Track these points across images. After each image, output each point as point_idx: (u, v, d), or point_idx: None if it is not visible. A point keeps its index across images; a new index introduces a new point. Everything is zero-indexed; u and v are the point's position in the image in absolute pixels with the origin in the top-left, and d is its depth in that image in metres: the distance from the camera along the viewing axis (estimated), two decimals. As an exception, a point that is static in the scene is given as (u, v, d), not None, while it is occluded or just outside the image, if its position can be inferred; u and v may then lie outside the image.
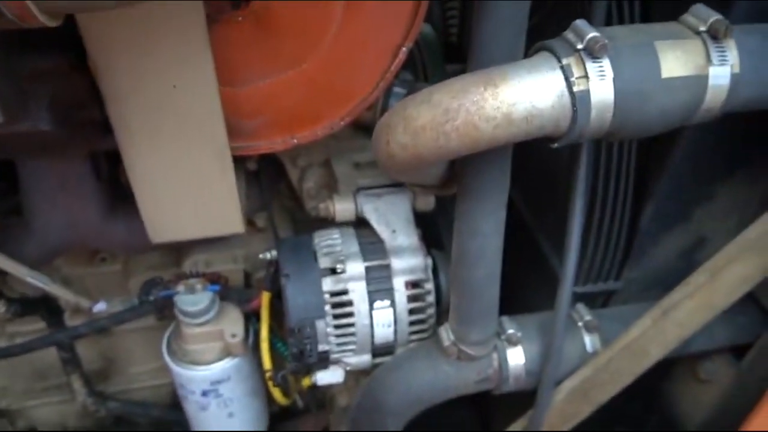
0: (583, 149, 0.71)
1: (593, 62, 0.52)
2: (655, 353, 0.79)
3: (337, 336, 0.87)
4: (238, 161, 1.00)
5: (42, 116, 0.74)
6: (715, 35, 0.53)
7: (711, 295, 0.72)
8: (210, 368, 1.04)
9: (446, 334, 0.79)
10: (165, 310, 1.04)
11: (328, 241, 0.90)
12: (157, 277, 1.05)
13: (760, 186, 0.79)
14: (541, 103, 0.53)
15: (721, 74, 0.54)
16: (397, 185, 0.93)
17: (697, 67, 0.54)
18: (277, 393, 1.00)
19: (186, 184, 0.77)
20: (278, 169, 1.08)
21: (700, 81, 0.54)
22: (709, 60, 0.54)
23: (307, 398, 1.23)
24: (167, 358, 1.06)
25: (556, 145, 0.57)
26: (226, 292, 1.04)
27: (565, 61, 0.53)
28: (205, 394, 1.07)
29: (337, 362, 0.91)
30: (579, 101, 0.52)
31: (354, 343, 0.88)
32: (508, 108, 0.53)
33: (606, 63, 0.52)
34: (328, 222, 0.95)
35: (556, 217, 0.92)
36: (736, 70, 0.54)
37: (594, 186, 0.82)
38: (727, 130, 0.75)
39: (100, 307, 1.01)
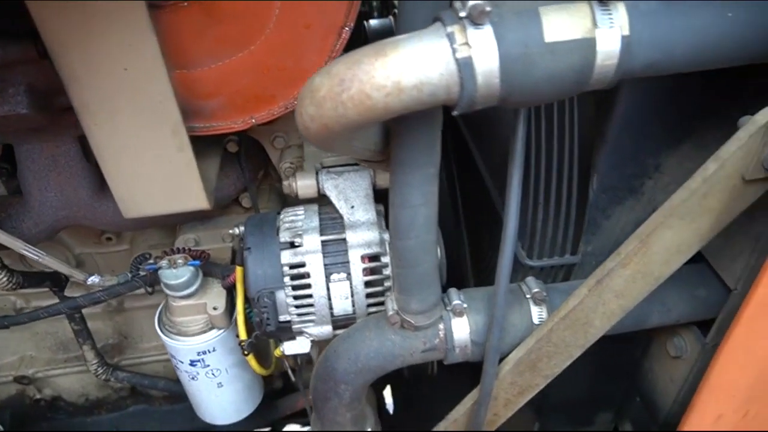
0: (519, 116, 0.72)
1: (475, 29, 0.54)
2: (600, 324, 0.79)
3: (297, 307, 0.91)
4: (216, 142, 1.07)
5: (19, 101, 0.82)
6: (600, -2, 0.54)
7: (646, 263, 0.72)
8: (195, 339, 1.11)
9: (390, 304, 0.82)
10: (155, 285, 1.12)
11: (291, 216, 0.95)
12: (146, 253, 1.13)
13: (709, 156, 0.77)
14: (430, 71, 0.55)
15: (609, 37, 0.55)
16: (356, 164, 0.96)
17: (583, 30, 0.54)
18: (252, 362, 1.05)
19: (147, 162, 0.83)
20: (263, 151, 1.14)
21: (587, 44, 0.55)
22: (595, 23, 0.54)
23: (298, 375, 1.28)
24: (158, 329, 1.13)
25: (455, 112, 0.59)
26: (209, 267, 1.10)
27: (449, 29, 0.55)
28: (192, 363, 1.14)
29: (300, 333, 0.95)
30: (463, 67, 0.54)
31: (313, 314, 0.92)
32: (397, 76, 0.55)
33: (488, 29, 0.54)
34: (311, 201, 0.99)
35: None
36: (626, 32, 0.55)
37: (540, 158, 0.82)
38: (667, 102, 0.75)
39: (94, 279, 1.10)
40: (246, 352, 0.96)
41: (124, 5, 0.69)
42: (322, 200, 0.99)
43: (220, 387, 1.19)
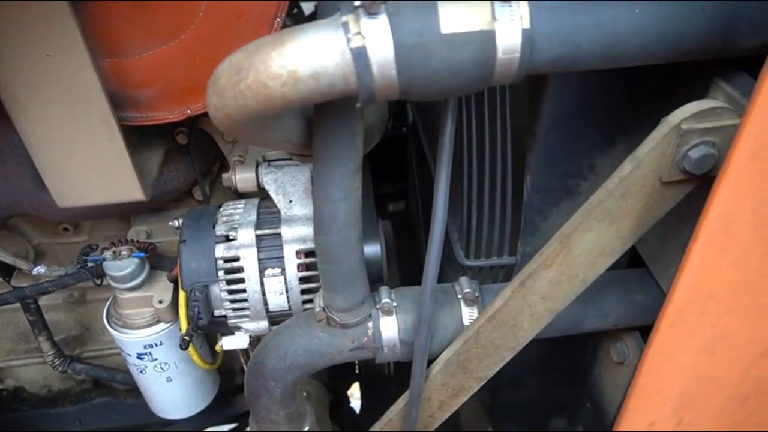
0: (447, 118, 0.70)
1: (369, 18, 0.53)
2: (529, 326, 0.78)
3: (231, 302, 0.90)
4: (162, 133, 1.06)
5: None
6: (499, -11, 0.53)
7: (569, 265, 0.70)
8: (141, 332, 1.10)
9: (318, 300, 0.81)
10: (103, 277, 1.11)
11: (230, 210, 0.94)
12: (94, 244, 1.12)
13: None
14: (326, 61, 0.54)
15: (509, 30, 0.53)
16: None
17: (481, 22, 0.53)
18: (194, 356, 1.05)
19: (77, 151, 0.83)
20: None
21: (485, 37, 0.53)
22: (494, 16, 0.53)
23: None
24: (105, 322, 1.13)
25: (358, 104, 0.58)
26: (157, 260, 1.09)
27: (344, 19, 0.53)
28: (140, 357, 1.13)
29: (237, 328, 0.94)
30: (356, 57, 0.53)
31: (248, 309, 0.91)
32: (293, 66, 0.54)
33: (383, 19, 0.52)
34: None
35: (455, 189, 0.91)
36: (527, 25, 0.53)
37: (474, 158, 0.81)
38: (598, 102, 0.73)
39: (39, 270, 1.09)
40: (182, 347, 0.95)
41: (42, -10, 0.68)
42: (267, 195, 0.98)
43: (169, 381, 1.18)
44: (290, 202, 0.91)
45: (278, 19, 0.78)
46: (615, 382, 1.00)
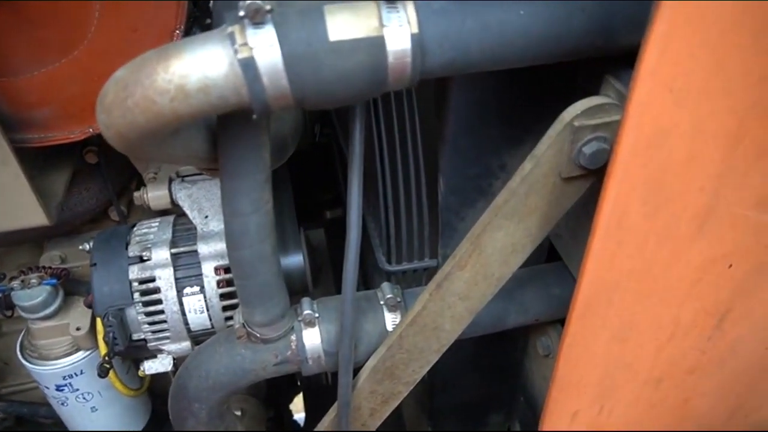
0: (355, 122, 0.70)
1: (255, 29, 0.52)
2: (451, 327, 0.78)
3: (150, 324, 0.87)
4: (67, 154, 1.01)
5: None
6: (386, -4, 0.53)
7: (483, 264, 0.71)
8: (59, 362, 1.05)
9: (237, 317, 0.79)
10: (13, 308, 1.05)
11: (144, 229, 0.90)
12: (1, 273, 1.06)
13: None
14: (214, 73, 0.52)
15: (397, 36, 0.53)
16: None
17: (368, 29, 0.53)
18: (116, 383, 1.00)
19: (-32, 178, 0.78)
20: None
21: (374, 43, 0.53)
22: (381, 22, 0.53)
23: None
24: (19, 355, 1.06)
25: (254, 116, 0.56)
26: (72, 286, 1.05)
27: (230, 30, 0.52)
28: (59, 389, 1.08)
29: (159, 351, 0.91)
30: (244, 68, 0.52)
31: (167, 330, 0.88)
32: (180, 80, 0.52)
33: (269, 29, 0.52)
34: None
35: (373, 196, 0.91)
36: (415, 30, 0.54)
37: (387, 164, 0.81)
38: (501, 102, 0.74)
39: (-59, 305, 1.02)
40: (101, 375, 0.91)
41: None
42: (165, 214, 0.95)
43: (94, 411, 1.13)
44: (206, 217, 0.89)
45: (178, 31, 0.76)
46: (543, 374, 1.02)
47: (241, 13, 0.52)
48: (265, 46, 0.52)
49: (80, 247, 0.92)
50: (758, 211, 0.62)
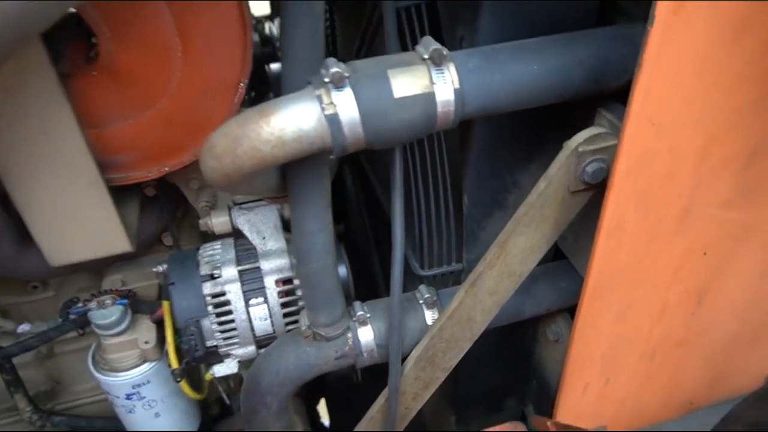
0: (396, 155, 0.86)
1: (338, 91, 0.67)
2: (481, 319, 0.94)
3: (222, 332, 1.01)
4: (134, 189, 1.16)
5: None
6: (434, 61, 0.69)
7: (507, 263, 0.87)
8: (129, 374, 1.18)
9: (303, 320, 0.94)
10: (86, 327, 1.18)
11: (210, 251, 1.05)
12: (75, 297, 1.19)
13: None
14: (306, 125, 0.68)
15: (444, 90, 0.69)
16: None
17: (422, 87, 0.69)
18: (185, 388, 1.14)
19: (69, 213, 0.92)
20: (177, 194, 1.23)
21: (427, 98, 0.69)
22: (431, 80, 0.69)
23: (233, 397, 1.37)
24: (92, 368, 1.19)
25: (332, 156, 0.72)
26: (137, 305, 1.18)
27: (317, 92, 0.68)
28: (128, 397, 1.21)
29: (227, 355, 1.05)
30: (330, 122, 0.67)
31: (237, 336, 1.02)
32: (279, 132, 0.68)
33: (348, 91, 0.67)
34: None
35: (409, 211, 1.07)
36: (457, 86, 0.70)
37: (420, 184, 0.97)
38: (514, 133, 0.91)
39: (24, 328, 1.15)
40: (178, 380, 1.05)
41: (39, 78, 0.78)
42: (239, 234, 1.10)
43: (157, 417, 1.26)
44: (264, 238, 1.04)
45: (242, 84, 0.92)
46: (554, 358, 1.18)
47: (326, 79, 0.67)
48: (345, 104, 0.67)
49: (153, 269, 1.06)
50: (724, 210, 0.79)
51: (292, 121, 0.68)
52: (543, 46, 0.74)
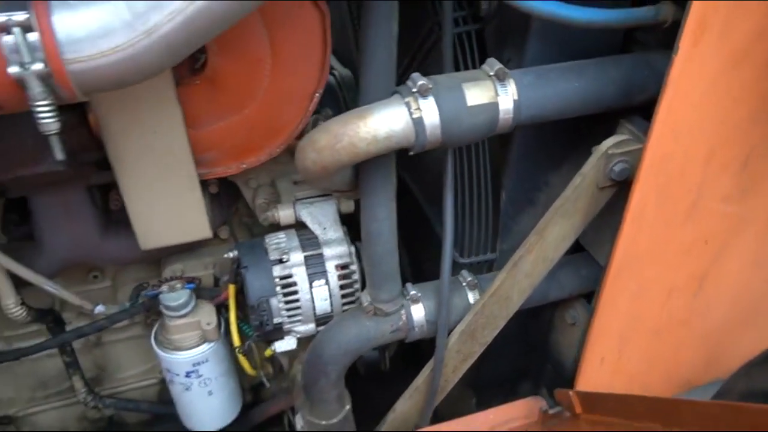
0: (448, 155, 1.02)
1: (423, 99, 0.83)
2: (517, 298, 1.10)
3: (287, 310, 1.15)
4: (202, 185, 1.30)
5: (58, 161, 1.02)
6: (498, 77, 0.86)
7: (543, 249, 1.04)
8: (191, 352, 1.30)
9: (365, 297, 1.08)
10: (152, 309, 1.31)
11: (275, 240, 1.19)
12: (144, 282, 1.32)
13: (578, 174, 1.11)
14: (396, 126, 0.84)
15: (505, 101, 0.86)
16: (325, 195, 1.23)
17: (489, 97, 0.85)
18: (245, 363, 1.27)
19: (165, 201, 1.05)
20: (235, 191, 1.37)
21: (493, 106, 0.86)
22: (496, 92, 0.86)
23: (273, 380, 1.50)
24: (155, 347, 1.32)
25: (411, 152, 0.88)
26: (200, 290, 1.31)
27: (406, 99, 0.84)
28: (188, 375, 1.33)
29: (289, 332, 1.19)
30: (417, 124, 0.83)
31: (300, 315, 1.16)
32: (374, 132, 0.83)
33: (431, 99, 0.84)
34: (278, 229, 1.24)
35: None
36: (516, 97, 0.87)
37: (464, 180, 1.13)
38: (548, 139, 1.08)
39: (100, 308, 1.27)
40: (243, 353, 1.18)
41: (159, 84, 0.93)
42: (292, 227, 1.24)
43: (210, 395, 1.38)
44: (324, 228, 1.19)
45: (317, 94, 1.07)
46: (569, 342, 1.34)
47: (414, 90, 0.84)
48: (429, 110, 0.84)
49: (225, 255, 1.20)
50: (724, 204, 0.97)
51: (385, 122, 0.83)
52: (583, 68, 0.92)
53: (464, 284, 1.14)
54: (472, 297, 1.13)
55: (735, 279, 1.11)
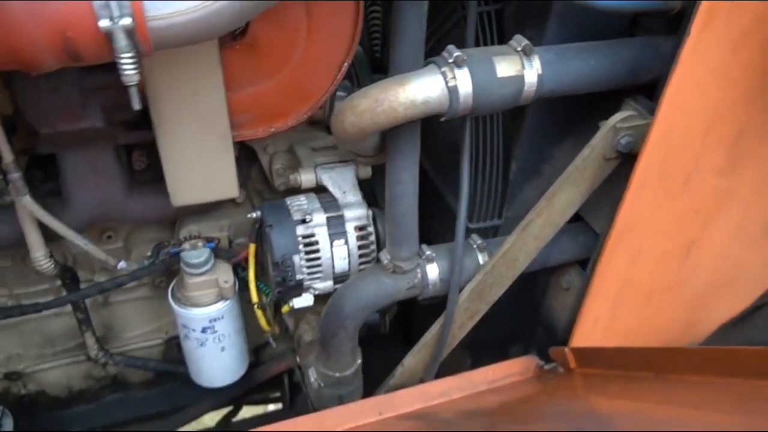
0: (466, 125, 1.09)
1: (458, 69, 0.91)
2: (523, 260, 1.19)
3: (308, 267, 1.22)
4: (225, 149, 1.35)
5: (97, 117, 1.06)
6: (525, 52, 0.94)
7: (551, 214, 1.13)
8: (209, 308, 1.36)
9: (384, 255, 1.16)
10: (171, 267, 1.36)
11: (297, 202, 1.26)
12: (164, 241, 1.37)
13: (582, 148, 1.21)
14: (432, 93, 0.91)
15: (530, 74, 0.95)
16: (344, 161, 1.30)
17: (517, 70, 0.94)
18: (262, 318, 1.34)
19: (199, 160, 1.11)
20: (251, 156, 1.43)
21: (519, 78, 0.94)
22: (523, 66, 0.94)
23: (278, 340, 1.57)
24: (173, 303, 1.37)
25: (443, 118, 0.96)
26: (217, 250, 1.37)
27: (443, 69, 0.91)
28: (204, 330, 1.39)
29: (307, 289, 1.26)
30: (452, 91, 0.91)
31: (320, 272, 1.24)
32: (412, 97, 0.91)
33: (465, 69, 0.91)
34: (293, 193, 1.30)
35: (457, 176, 1.32)
36: (540, 71, 0.95)
37: (477, 151, 1.22)
38: (557, 113, 1.17)
39: (122, 264, 1.32)
40: (261, 308, 1.25)
41: (205, 47, 0.98)
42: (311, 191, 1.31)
43: (222, 351, 1.45)
44: (344, 192, 1.26)
45: (346, 64, 1.14)
46: (563, 305, 1.45)
47: (450, 60, 0.91)
48: (463, 79, 0.91)
49: (248, 215, 1.26)
50: (716, 177, 1.08)
51: (423, 89, 0.91)
52: (597, 48, 1.01)
53: (474, 246, 1.23)
54: (481, 258, 1.22)
55: (717, 247, 1.23)
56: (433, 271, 1.19)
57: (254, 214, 1.26)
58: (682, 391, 0.93)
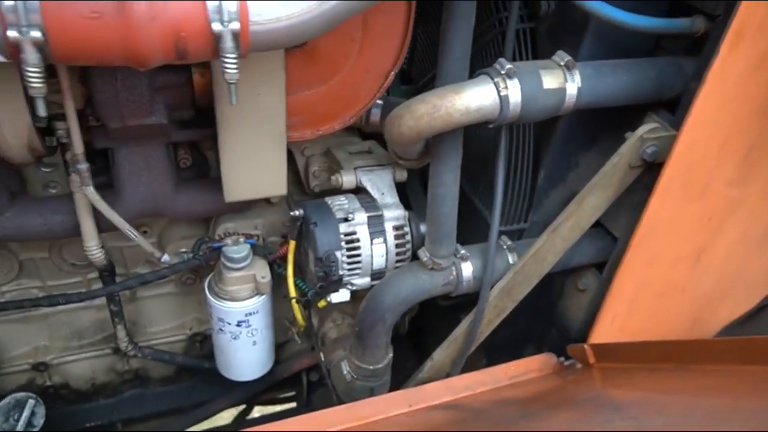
0: (502, 132, 1.19)
1: (509, 80, 1.01)
2: (551, 260, 1.28)
3: (349, 264, 1.30)
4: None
5: (162, 114, 1.13)
6: (568, 67, 1.04)
7: (579, 217, 1.22)
8: (246, 303, 1.42)
9: (423, 253, 1.24)
10: (210, 261, 1.42)
11: (338, 202, 1.33)
12: (205, 237, 1.43)
13: (605, 158, 1.31)
14: (485, 101, 1.00)
15: (572, 87, 1.04)
16: (382, 164, 1.38)
17: (560, 83, 1.04)
18: (298, 312, 1.40)
19: (255, 158, 1.18)
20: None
21: (562, 91, 1.04)
22: (565, 80, 1.04)
23: (303, 337, 1.63)
24: (209, 297, 1.42)
25: (491, 125, 1.05)
26: (255, 247, 1.43)
27: (495, 80, 1.01)
28: (239, 324, 1.44)
29: (345, 285, 1.33)
30: (503, 101, 1.00)
31: (360, 269, 1.31)
32: (467, 104, 1.00)
33: (515, 80, 1.01)
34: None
35: (486, 182, 1.41)
36: (580, 85, 1.05)
37: (509, 158, 1.31)
38: (584, 124, 1.27)
39: (166, 258, 1.37)
40: (302, 301, 1.32)
41: (271, 53, 1.06)
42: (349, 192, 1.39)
43: (254, 345, 1.50)
44: (383, 194, 1.34)
45: (393, 73, 1.22)
46: (578, 306, 1.54)
47: (502, 72, 1.01)
48: (514, 90, 1.01)
49: (291, 213, 1.33)
50: (728, 187, 1.18)
51: (477, 98, 1.00)
52: (629, 65, 1.11)
53: (504, 247, 1.31)
54: (511, 258, 1.31)
55: (724, 252, 1.33)
56: (467, 269, 1.27)
57: (297, 212, 1.32)
58: (705, 379, 1.02)
